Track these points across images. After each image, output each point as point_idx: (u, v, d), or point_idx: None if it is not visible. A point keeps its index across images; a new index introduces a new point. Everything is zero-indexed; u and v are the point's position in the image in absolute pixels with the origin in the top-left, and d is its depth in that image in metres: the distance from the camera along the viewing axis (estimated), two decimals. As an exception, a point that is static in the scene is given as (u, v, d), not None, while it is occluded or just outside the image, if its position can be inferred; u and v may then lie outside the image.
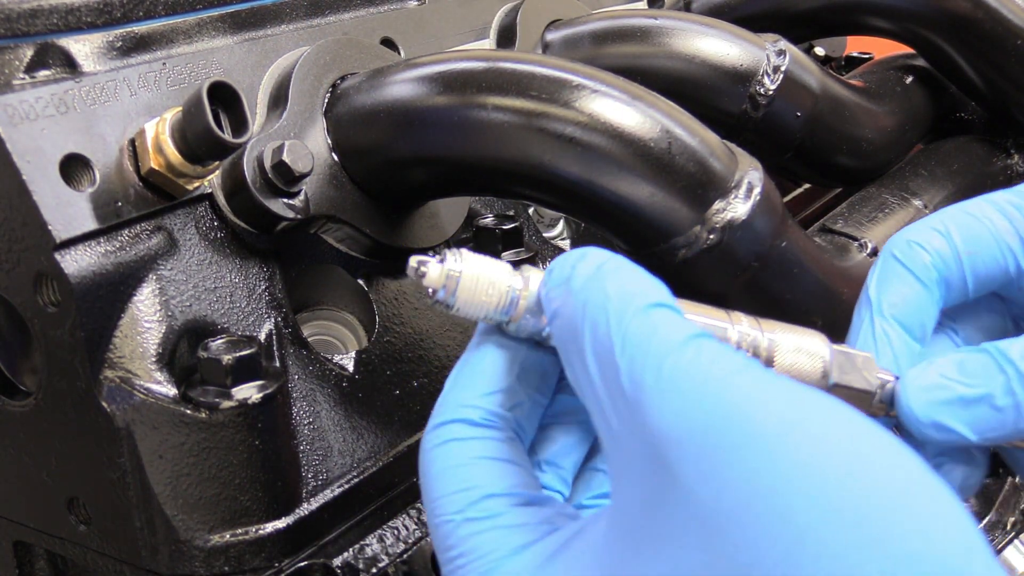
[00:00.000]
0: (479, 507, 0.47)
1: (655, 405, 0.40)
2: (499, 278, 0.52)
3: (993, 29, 0.96)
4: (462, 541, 0.47)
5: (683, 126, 0.65)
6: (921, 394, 0.50)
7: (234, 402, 0.60)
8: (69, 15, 0.66)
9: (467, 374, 0.52)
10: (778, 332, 0.53)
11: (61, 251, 0.59)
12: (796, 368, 0.52)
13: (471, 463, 0.49)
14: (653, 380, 0.41)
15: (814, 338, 0.53)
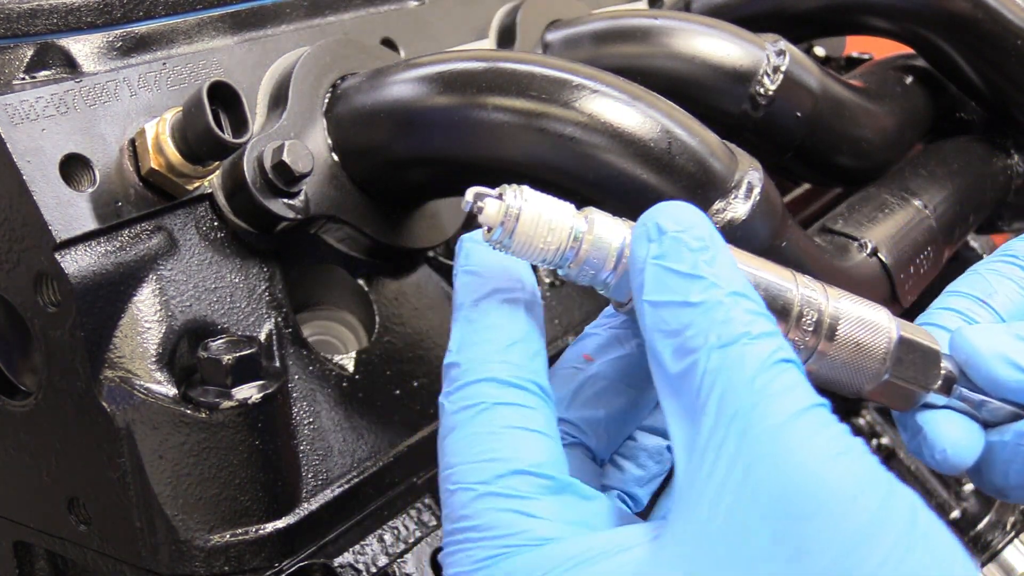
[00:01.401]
0: (507, 482, 0.45)
1: (761, 461, 0.41)
2: (561, 219, 0.48)
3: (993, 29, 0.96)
4: (480, 514, 0.44)
5: (683, 126, 0.65)
6: (986, 335, 0.53)
7: (234, 402, 0.60)
8: (69, 15, 0.66)
9: (479, 329, 0.49)
10: (844, 301, 0.52)
11: (61, 251, 0.59)
12: (860, 340, 0.52)
13: (502, 432, 0.46)
14: (768, 439, 0.42)
15: (880, 312, 0.53)
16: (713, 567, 0.41)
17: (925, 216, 0.90)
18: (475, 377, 0.47)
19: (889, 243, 0.84)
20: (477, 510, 0.44)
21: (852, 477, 0.41)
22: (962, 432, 0.54)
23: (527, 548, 0.44)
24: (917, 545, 0.40)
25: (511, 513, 0.44)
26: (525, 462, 0.45)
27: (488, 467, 0.45)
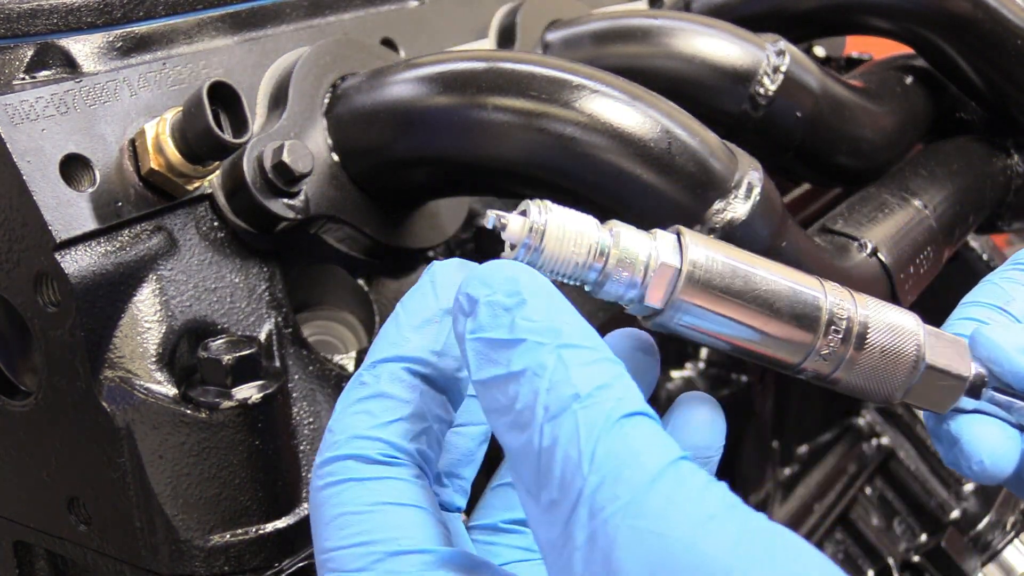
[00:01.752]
0: (386, 566, 0.41)
1: (620, 545, 0.36)
2: (587, 232, 0.47)
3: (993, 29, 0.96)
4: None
5: (683, 126, 0.65)
6: (1007, 331, 0.53)
7: (234, 402, 0.60)
8: (69, 15, 0.66)
9: (358, 395, 0.45)
10: (872, 307, 0.52)
11: (61, 251, 0.59)
12: (888, 347, 0.51)
13: (372, 510, 0.42)
14: (622, 518, 0.37)
15: (908, 317, 0.53)
16: None
17: (925, 216, 0.90)
18: (341, 452, 0.44)
19: (889, 243, 0.84)
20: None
21: (725, 545, 0.36)
22: (999, 438, 0.53)
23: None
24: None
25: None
26: (402, 542, 0.42)
27: (364, 552, 0.42)
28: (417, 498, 0.43)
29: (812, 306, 0.50)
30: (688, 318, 0.49)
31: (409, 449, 0.44)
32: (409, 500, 0.43)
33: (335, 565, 0.42)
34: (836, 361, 0.51)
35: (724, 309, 0.49)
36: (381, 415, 0.44)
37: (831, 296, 0.50)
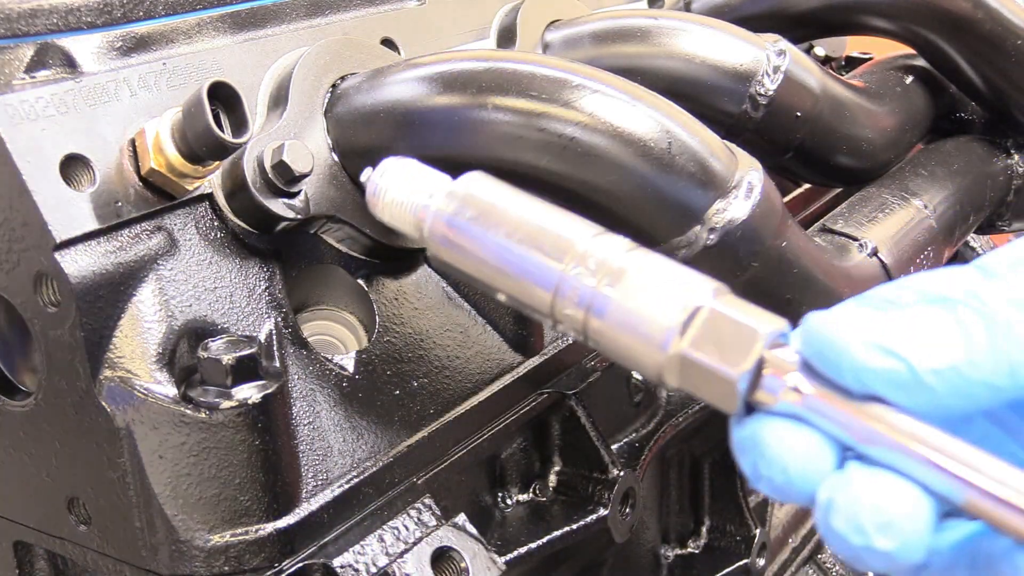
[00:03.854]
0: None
1: None
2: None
3: (993, 29, 0.96)
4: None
5: (683, 126, 0.65)
6: (842, 315, 0.42)
7: (234, 402, 0.60)
8: (69, 15, 0.66)
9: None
10: (639, 256, 0.46)
11: (61, 251, 0.59)
12: (635, 312, 0.45)
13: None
14: None
15: (690, 276, 0.45)
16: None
17: (925, 216, 0.90)
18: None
19: (889, 243, 0.84)
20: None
21: None
22: (810, 448, 0.41)
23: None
24: None
25: None
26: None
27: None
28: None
29: (565, 242, 0.47)
30: (446, 255, 0.50)
31: None
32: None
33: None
34: (583, 315, 0.47)
35: (470, 244, 0.49)
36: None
37: (593, 245, 0.46)
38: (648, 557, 1.00)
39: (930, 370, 0.40)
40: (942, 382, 0.40)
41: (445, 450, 0.76)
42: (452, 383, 0.77)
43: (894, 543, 0.38)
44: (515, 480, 0.86)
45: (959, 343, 0.40)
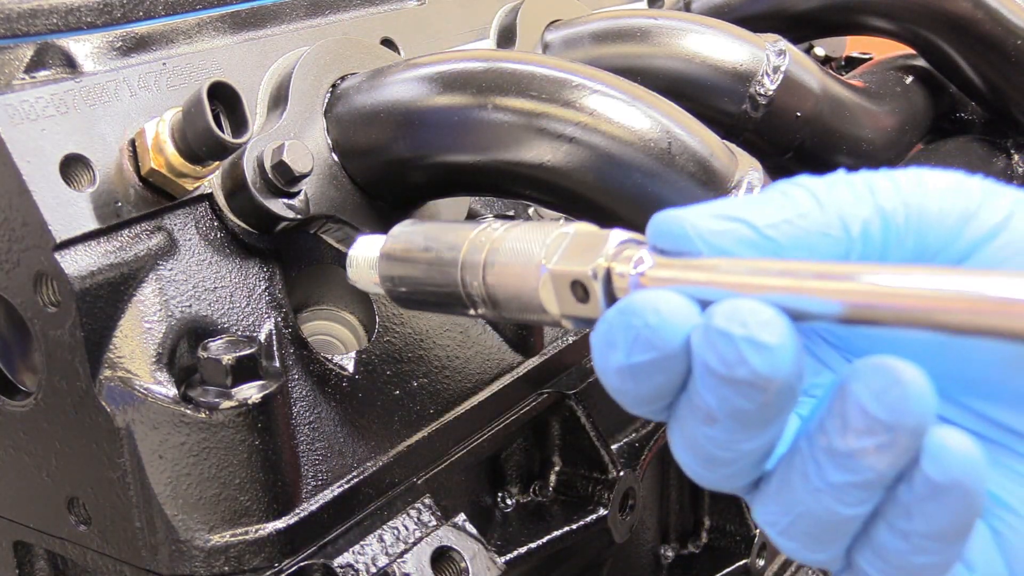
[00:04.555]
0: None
1: None
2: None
3: (993, 30, 0.96)
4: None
5: (683, 126, 0.65)
6: (693, 207, 0.44)
7: (234, 402, 0.60)
8: (69, 15, 0.66)
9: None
10: (525, 224, 0.51)
11: (61, 251, 0.59)
12: (513, 262, 0.50)
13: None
14: None
15: (569, 224, 0.49)
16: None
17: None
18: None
19: (889, 243, 0.84)
20: None
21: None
22: (673, 299, 0.41)
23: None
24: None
25: None
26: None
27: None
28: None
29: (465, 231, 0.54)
30: (402, 304, 0.60)
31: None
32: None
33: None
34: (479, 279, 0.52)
35: (406, 285, 0.58)
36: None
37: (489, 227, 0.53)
38: (648, 557, 1.00)
39: (768, 224, 0.42)
40: (781, 234, 0.42)
41: (445, 450, 0.76)
42: (452, 383, 0.77)
43: (775, 336, 0.38)
44: (515, 480, 0.86)
45: (789, 204, 0.44)
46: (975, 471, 0.39)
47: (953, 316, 0.36)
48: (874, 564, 0.42)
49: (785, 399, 0.40)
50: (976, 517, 0.40)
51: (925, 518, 0.39)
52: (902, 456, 0.39)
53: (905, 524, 0.40)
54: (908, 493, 0.39)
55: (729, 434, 0.41)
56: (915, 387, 0.38)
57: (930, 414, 0.38)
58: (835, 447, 0.39)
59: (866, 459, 0.39)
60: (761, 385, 0.39)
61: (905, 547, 0.40)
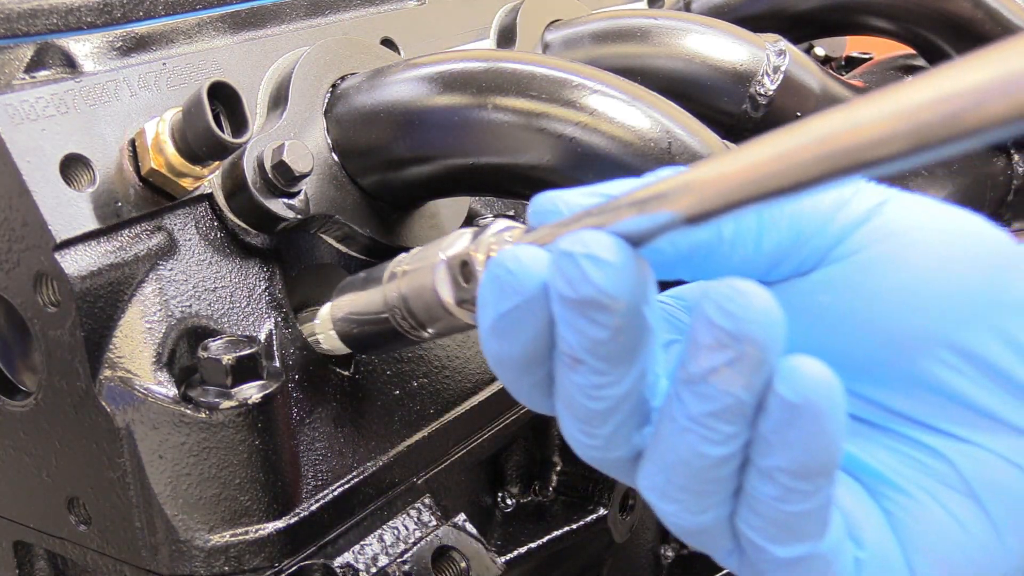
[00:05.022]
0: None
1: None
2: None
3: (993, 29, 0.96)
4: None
5: (683, 126, 0.65)
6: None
7: (234, 402, 0.60)
8: (69, 15, 0.66)
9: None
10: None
11: (61, 251, 0.59)
12: (419, 271, 0.56)
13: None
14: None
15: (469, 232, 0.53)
16: None
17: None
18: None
19: (889, 243, 0.84)
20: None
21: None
22: (529, 250, 0.44)
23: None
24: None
25: None
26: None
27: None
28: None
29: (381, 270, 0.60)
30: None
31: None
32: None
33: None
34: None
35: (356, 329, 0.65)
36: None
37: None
38: (648, 557, 1.00)
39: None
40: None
41: (445, 450, 0.76)
42: (452, 383, 0.77)
43: (613, 254, 0.40)
44: (515, 480, 0.86)
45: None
46: (829, 392, 0.39)
47: (776, 178, 0.35)
48: (752, 522, 0.42)
49: (636, 327, 0.41)
50: (836, 450, 0.40)
51: (786, 449, 0.40)
52: (755, 375, 0.39)
53: (769, 460, 0.40)
54: (767, 423, 0.40)
55: (594, 375, 0.42)
56: (758, 298, 0.38)
57: (776, 326, 0.39)
58: (691, 372, 0.40)
59: (720, 381, 0.39)
60: (607, 303, 0.40)
61: (774, 492, 0.41)
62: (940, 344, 0.44)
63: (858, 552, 0.44)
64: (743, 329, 0.39)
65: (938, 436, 0.45)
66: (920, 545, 0.44)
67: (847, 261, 0.46)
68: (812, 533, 0.42)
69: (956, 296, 0.45)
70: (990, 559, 0.44)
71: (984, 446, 0.45)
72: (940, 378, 0.45)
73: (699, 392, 0.40)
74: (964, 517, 0.44)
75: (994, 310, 0.45)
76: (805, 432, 0.39)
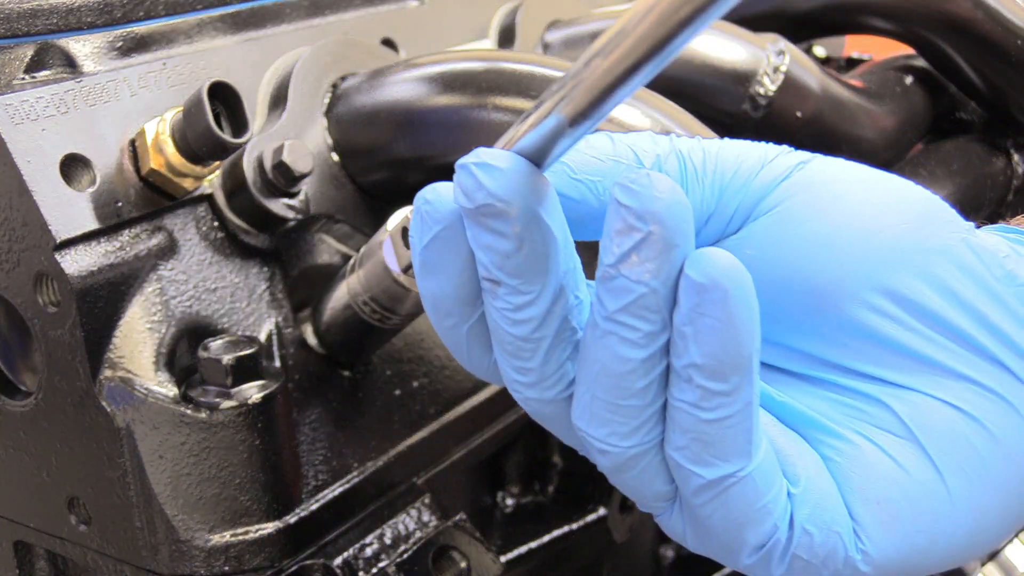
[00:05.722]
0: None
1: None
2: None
3: (993, 30, 0.96)
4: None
5: (683, 126, 0.65)
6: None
7: (234, 402, 0.60)
8: (69, 15, 0.66)
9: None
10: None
11: (61, 251, 0.59)
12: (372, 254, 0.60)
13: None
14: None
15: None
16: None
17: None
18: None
19: (889, 243, 0.84)
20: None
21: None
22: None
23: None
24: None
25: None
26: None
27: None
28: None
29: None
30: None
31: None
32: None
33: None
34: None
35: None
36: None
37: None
38: (648, 557, 1.00)
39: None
40: (572, 160, 0.46)
41: (445, 450, 0.76)
42: (452, 383, 0.77)
43: (504, 161, 0.41)
44: (515, 480, 0.86)
45: (584, 143, 0.46)
46: (736, 275, 0.39)
47: (625, 58, 0.38)
48: (677, 443, 0.42)
49: (540, 237, 0.41)
50: (748, 342, 0.40)
51: (698, 342, 0.40)
52: (664, 262, 0.40)
53: (684, 359, 0.41)
54: (679, 315, 0.40)
55: (512, 295, 0.42)
56: (663, 180, 0.39)
57: (681, 207, 0.39)
58: (605, 266, 0.41)
59: (632, 271, 0.40)
60: (501, 208, 0.40)
61: (692, 396, 0.41)
62: (870, 289, 0.44)
63: (792, 488, 0.44)
64: (648, 206, 0.39)
65: (874, 384, 0.46)
66: (858, 486, 0.44)
67: (769, 214, 0.46)
68: (735, 451, 0.42)
69: (880, 241, 0.45)
70: (932, 500, 0.44)
71: (922, 391, 0.45)
72: (871, 325, 0.45)
73: (613, 287, 0.41)
74: (904, 459, 0.44)
75: (921, 255, 0.45)
76: (715, 319, 0.39)
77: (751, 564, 0.44)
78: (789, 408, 0.46)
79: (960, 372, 0.44)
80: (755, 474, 0.42)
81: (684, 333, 0.40)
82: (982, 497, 0.44)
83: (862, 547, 0.44)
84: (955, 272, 0.45)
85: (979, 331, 0.44)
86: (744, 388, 0.41)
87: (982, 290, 0.45)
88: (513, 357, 0.44)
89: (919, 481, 0.44)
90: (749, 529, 0.43)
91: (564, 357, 0.44)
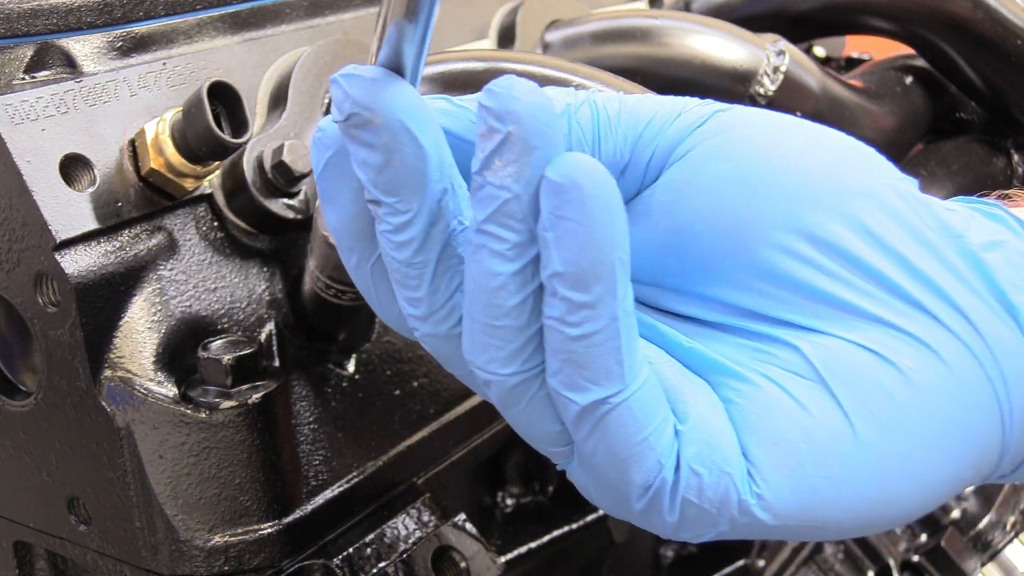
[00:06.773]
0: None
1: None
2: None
3: (993, 30, 0.96)
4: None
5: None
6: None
7: (234, 402, 0.60)
8: (69, 15, 0.66)
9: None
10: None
11: (61, 251, 0.59)
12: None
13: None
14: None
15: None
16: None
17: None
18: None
19: (889, 243, 0.84)
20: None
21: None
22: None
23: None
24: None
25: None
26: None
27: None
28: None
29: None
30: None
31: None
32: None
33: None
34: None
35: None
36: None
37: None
38: (648, 557, 1.00)
39: (469, 97, 0.47)
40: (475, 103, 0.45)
41: (445, 450, 0.76)
42: (452, 383, 0.77)
43: (368, 71, 0.41)
44: (515, 480, 0.86)
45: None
46: (596, 175, 0.39)
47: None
48: (552, 367, 0.41)
49: (411, 151, 0.41)
50: (609, 247, 0.39)
51: (559, 248, 0.39)
52: (525, 165, 0.39)
53: (548, 268, 0.40)
54: (541, 222, 0.39)
55: (391, 215, 0.42)
56: (524, 83, 0.40)
57: (542, 109, 0.39)
58: (474, 176, 0.40)
59: (496, 176, 0.39)
60: (367, 116, 0.41)
61: (559, 310, 0.40)
62: (784, 230, 0.43)
63: (680, 424, 0.42)
64: (506, 106, 0.39)
65: (786, 329, 0.44)
66: (755, 425, 0.42)
67: (683, 159, 0.45)
68: (606, 372, 0.40)
69: (796, 182, 0.44)
70: (836, 443, 0.42)
71: (835, 335, 0.43)
72: (785, 268, 0.43)
73: (481, 197, 0.40)
74: (807, 400, 0.42)
75: (842, 197, 0.43)
76: (574, 221, 0.39)
77: (642, 510, 0.43)
78: (696, 353, 0.45)
79: (879, 316, 0.43)
80: (632, 402, 0.41)
81: (546, 240, 0.39)
82: (895, 445, 0.42)
83: (757, 490, 0.42)
84: (879, 215, 0.43)
85: (902, 276, 0.43)
86: (607, 300, 0.40)
87: (908, 235, 0.43)
88: (402, 287, 0.43)
89: (822, 423, 0.42)
90: (632, 466, 0.41)
91: (453, 287, 0.43)
